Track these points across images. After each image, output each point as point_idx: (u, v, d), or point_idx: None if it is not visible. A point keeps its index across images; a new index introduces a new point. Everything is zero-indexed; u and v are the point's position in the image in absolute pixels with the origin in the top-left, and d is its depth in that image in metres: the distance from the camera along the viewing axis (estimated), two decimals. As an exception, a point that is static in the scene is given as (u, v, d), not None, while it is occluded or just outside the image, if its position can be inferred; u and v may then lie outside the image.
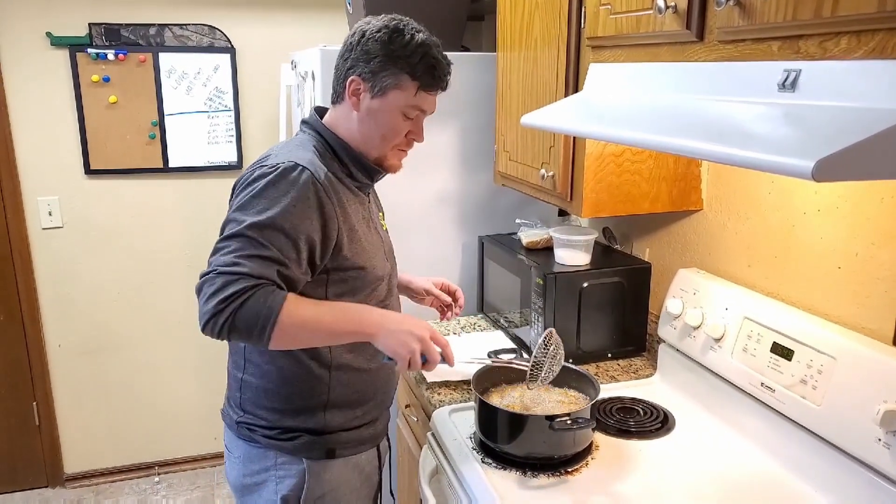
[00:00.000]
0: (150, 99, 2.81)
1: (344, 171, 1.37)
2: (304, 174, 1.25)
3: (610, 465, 1.39)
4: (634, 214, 1.71)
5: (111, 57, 2.73)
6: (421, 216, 2.25)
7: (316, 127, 1.40)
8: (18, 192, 2.76)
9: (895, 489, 1.13)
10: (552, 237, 1.87)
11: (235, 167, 2.98)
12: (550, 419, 1.33)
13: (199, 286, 1.20)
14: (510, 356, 1.72)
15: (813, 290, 1.40)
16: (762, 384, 1.39)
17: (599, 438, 1.47)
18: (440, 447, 1.52)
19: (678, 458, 1.42)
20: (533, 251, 1.96)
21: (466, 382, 1.66)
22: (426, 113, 1.38)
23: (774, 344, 1.37)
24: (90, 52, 2.70)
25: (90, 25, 2.69)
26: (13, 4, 2.61)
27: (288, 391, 1.37)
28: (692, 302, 1.61)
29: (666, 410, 1.59)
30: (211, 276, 1.19)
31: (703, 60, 1.14)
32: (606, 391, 1.66)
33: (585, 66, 1.52)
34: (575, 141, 1.63)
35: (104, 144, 2.80)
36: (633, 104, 1.25)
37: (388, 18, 1.34)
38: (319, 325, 1.25)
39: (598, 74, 1.44)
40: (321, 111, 1.44)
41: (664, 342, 1.73)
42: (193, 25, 2.81)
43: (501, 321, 2.10)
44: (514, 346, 1.94)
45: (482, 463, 1.39)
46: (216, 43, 2.85)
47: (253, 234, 1.20)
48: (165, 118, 2.84)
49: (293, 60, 2.51)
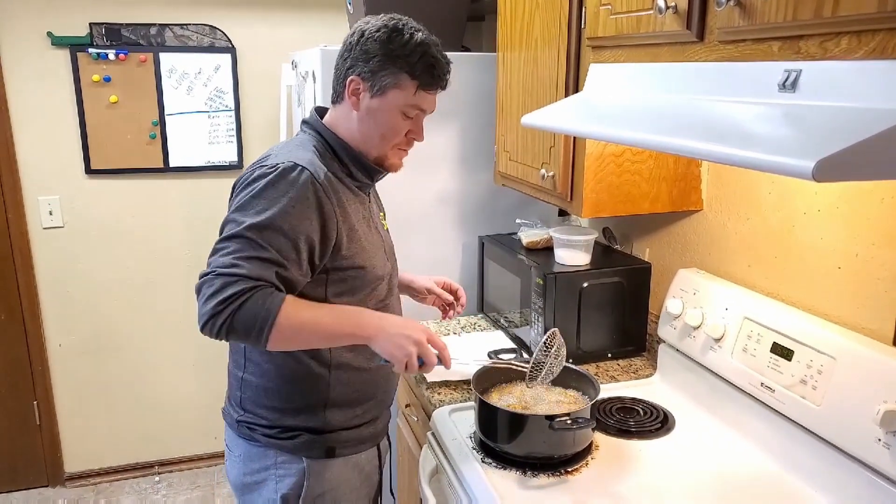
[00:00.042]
0: (150, 99, 2.81)
1: (344, 170, 1.37)
2: (303, 174, 1.25)
3: (610, 465, 1.39)
4: (634, 214, 1.71)
5: (112, 57, 2.73)
6: (421, 216, 2.25)
7: (316, 127, 1.40)
8: (19, 191, 2.76)
9: (895, 489, 1.13)
10: (552, 237, 1.87)
11: (236, 167, 2.98)
12: (550, 419, 1.33)
13: (198, 286, 1.21)
14: (510, 356, 1.72)
15: (813, 290, 1.40)
16: (762, 384, 1.39)
17: (599, 438, 1.47)
18: (440, 447, 1.53)
19: (678, 458, 1.42)
20: (533, 251, 1.96)
21: (466, 382, 1.66)
22: (426, 112, 1.38)
23: (774, 344, 1.37)
24: (91, 51, 2.70)
25: (91, 25, 2.70)
26: (14, 4, 2.61)
27: (288, 390, 1.37)
28: (692, 302, 1.61)
29: (666, 410, 1.59)
30: (210, 277, 1.19)
31: (703, 61, 1.14)
32: (606, 391, 1.66)
33: (586, 66, 1.52)
34: (575, 141, 1.63)
35: (105, 144, 2.80)
36: (633, 104, 1.25)
37: (387, 18, 1.34)
38: (317, 327, 1.25)
39: (598, 75, 1.44)
40: (321, 111, 1.44)
41: (664, 342, 1.74)
42: (194, 25, 2.81)
43: (501, 321, 2.10)
44: (514, 346, 1.94)
45: (482, 462, 1.39)
46: (217, 43, 2.85)
47: (252, 235, 1.21)
48: (166, 118, 2.84)
49: (294, 60, 2.51)
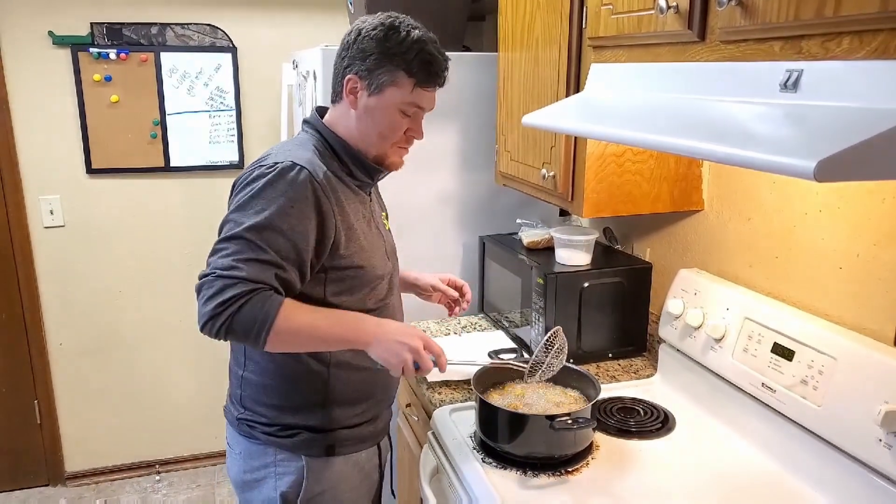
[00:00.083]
0: (151, 98, 2.81)
1: (344, 170, 1.37)
2: (301, 173, 1.25)
3: (610, 465, 1.39)
4: (635, 214, 1.71)
5: (113, 56, 2.73)
6: (422, 216, 2.25)
7: (316, 126, 1.40)
8: (20, 190, 2.76)
9: (895, 490, 1.13)
10: (553, 237, 1.87)
11: (237, 167, 2.98)
12: (551, 419, 1.33)
13: (198, 287, 1.21)
14: (511, 356, 1.72)
15: (814, 290, 1.40)
16: (763, 384, 1.39)
17: (600, 438, 1.47)
18: (441, 446, 1.53)
19: (678, 458, 1.42)
20: (534, 251, 1.96)
21: (467, 382, 1.66)
22: (425, 110, 1.38)
23: (775, 344, 1.37)
24: (92, 51, 2.70)
25: (92, 25, 2.70)
26: (15, 4, 2.61)
27: (287, 388, 1.37)
28: (693, 302, 1.61)
29: (666, 410, 1.59)
30: (210, 278, 1.19)
31: (704, 60, 1.14)
32: (607, 391, 1.66)
33: (587, 66, 1.52)
34: (576, 141, 1.62)
35: (106, 144, 2.80)
36: (634, 104, 1.25)
37: (384, 16, 1.33)
38: (314, 332, 1.26)
39: (599, 74, 1.44)
40: (322, 111, 1.43)
41: (665, 342, 1.73)
42: (195, 25, 2.81)
43: (502, 321, 2.10)
44: (514, 345, 1.94)
45: (482, 462, 1.39)
46: (218, 42, 2.85)
47: (251, 236, 1.21)
48: (167, 117, 2.84)
49: (295, 60, 2.51)
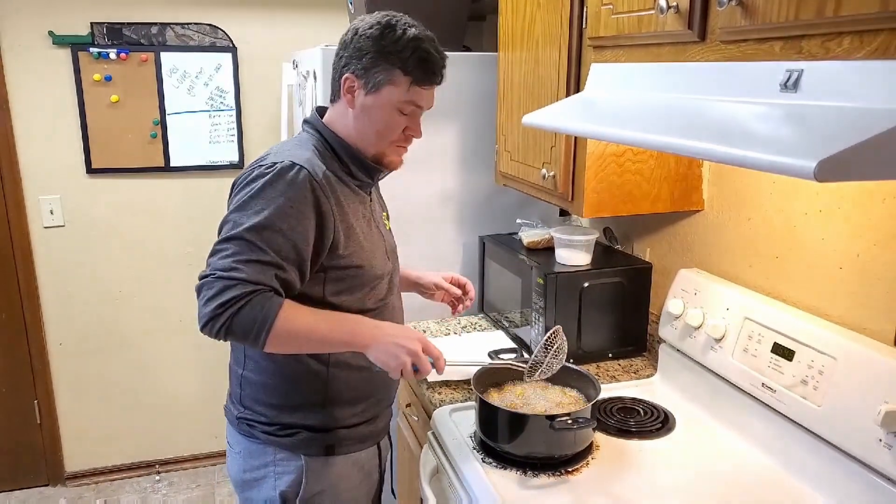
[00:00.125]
0: (151, 98, 2.81)
1: (344, 169, 1.37)
2: (300, 173, 1.25)
3: (610, 465, 1.39)
4: (635, 214, 1.71)
5: (113, 56, 2.73)
6: (422, 216, 2.25)
7: (316, 126, 1.40)
8: (20, 190, 2.76)
9: (895, 490, 1.13)
10: (553, 237, 1.87)
11: (237, 167, 2.98)
12: (551, 419, 1.33)
13: (198, 287, 1.21)
14: (511, 356, 1.72)
15: (814, 290, 1.40)
16: (763, 384, 1.39)
17: (600, 438, 1.47)
18: (441, 446, 1.53)
19: (678, 458, 1.42)
20: (534, 251, 1.96)
21: (467, 382, 1.66)
22: (422, 108, 1.37)
23: (775, 344, 1.37)
24: (92, 51, 2.70)
25: (92, 24, 2.70)
26: (15, 4, 2.61)
27: (286, 387, 1.37)
28: (693, 302, 1.61)
29: (666, 410, 1.59)
30: (209, 279, 1.19)
31: (704, 60, 1.14)
32: (607, 391, 1.66)
33: (587, 65, 1.52)
34: (576, 141, 1.62)
35: (106, 143, 2.80)
36: (634, 104, 1.25)
37: (381, 15, 1.33)
38: (313, 333, 1.26)
39: (599, 74, 1.44)
40: (322, 110, 1.43)
41: (665, 342, 1.73)
42: (195, 25, 2.81)
43: (502, 321, 2.10)
44: (514, 345, 1.94)
45: (482, 462, 1.39)
46: (218, 42, 2.85)
47: (251, 237, 1.21)
48: (167, 117, 2.84)
49: (295, 60, 2.51)
